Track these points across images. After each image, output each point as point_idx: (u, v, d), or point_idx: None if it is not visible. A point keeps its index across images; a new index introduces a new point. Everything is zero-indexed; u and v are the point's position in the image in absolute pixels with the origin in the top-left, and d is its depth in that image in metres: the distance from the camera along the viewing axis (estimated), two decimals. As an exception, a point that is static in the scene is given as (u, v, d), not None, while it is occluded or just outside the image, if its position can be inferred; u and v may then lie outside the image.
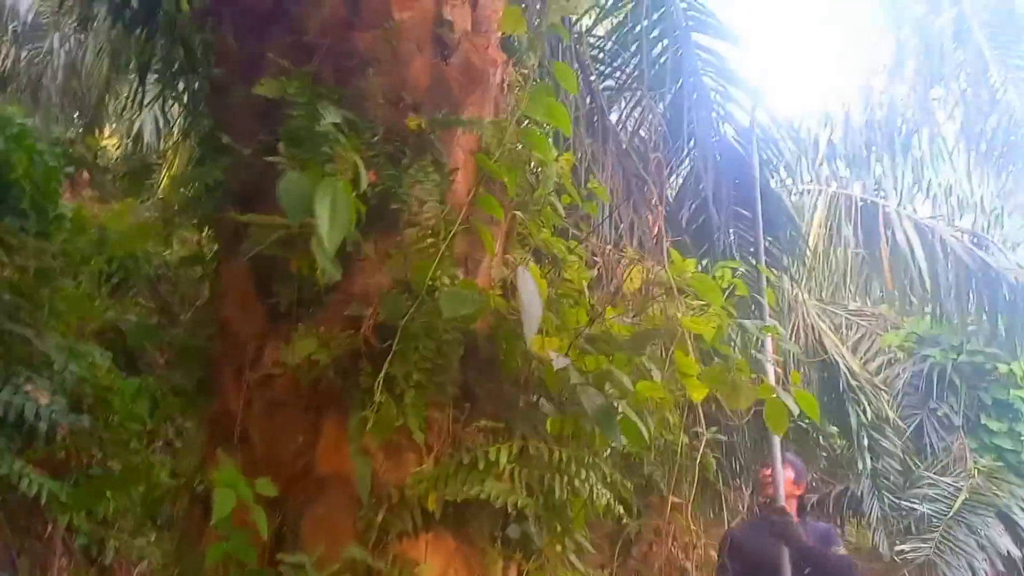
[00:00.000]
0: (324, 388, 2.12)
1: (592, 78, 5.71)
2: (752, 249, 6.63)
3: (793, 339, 8.33)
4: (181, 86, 3.02)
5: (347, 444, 2.08)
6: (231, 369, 2.31)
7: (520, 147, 2.42)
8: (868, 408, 7.68)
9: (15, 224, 4.42)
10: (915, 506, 7.76)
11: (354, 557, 1.93)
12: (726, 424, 4.68)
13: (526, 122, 2.53)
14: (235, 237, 2.33)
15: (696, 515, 8.93)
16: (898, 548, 7.61)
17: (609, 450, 2.49)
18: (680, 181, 6.78)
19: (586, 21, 5.86)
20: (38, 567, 3.88)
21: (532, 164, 2.57)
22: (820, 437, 10.34)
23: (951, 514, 7.70)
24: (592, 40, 5.87)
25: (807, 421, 9.73)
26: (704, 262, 5.94)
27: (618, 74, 6.04)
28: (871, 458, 7.73)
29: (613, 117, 6.14)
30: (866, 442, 7.70)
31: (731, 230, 6.47)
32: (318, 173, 2.00)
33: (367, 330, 2.09)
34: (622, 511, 2.28)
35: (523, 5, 3.22)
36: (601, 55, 5.94)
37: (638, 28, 5.70)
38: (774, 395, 2.47)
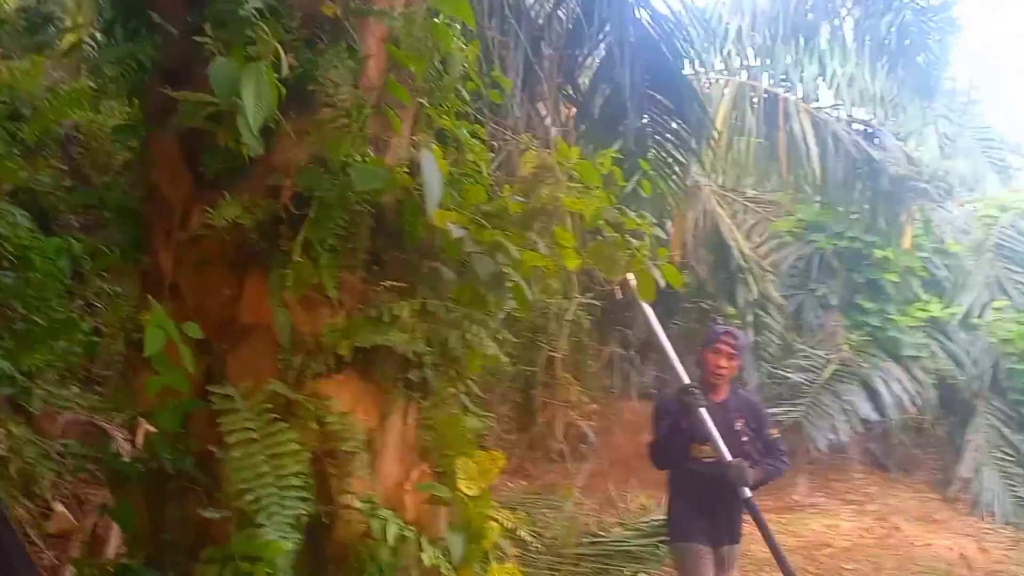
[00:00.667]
0: (247, 249, 2.41)
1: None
2: (665, 134, 7.03)
3: (693, 222, 8.88)
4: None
5: (268, 298, 2.40)
6: (161, 230, 2.57)
7: (427, 37, 2.66)
8: (755, 287, 8.32)
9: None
10: (789, 375, 8.56)
11: (275, 391, 2.28)
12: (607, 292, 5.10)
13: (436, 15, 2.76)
14: (163, 110, 2.54)
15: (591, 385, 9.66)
16: (771, 411, 8.42)
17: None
18: (598, 64, 7.03)
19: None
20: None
21: (439, 53, 2.82)
22: (718, 317, 11.15)
23: (820, 382, 8.52)
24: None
25: (706, 301, 10.48)
26: (618, 143, 6.20)
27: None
28: (754, 332, 8.43)
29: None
30: (750, 318, 8.38)
31: (644, 115, 6.80)
32: (241, 55, 2.23)
33: (286, 199, 2.38)
34: (509, 362, 2.68)
35: None
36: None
37: None
38: (643, 268, 2.88)
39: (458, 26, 2.84)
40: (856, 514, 7.67)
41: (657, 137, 6.90)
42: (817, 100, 10.08)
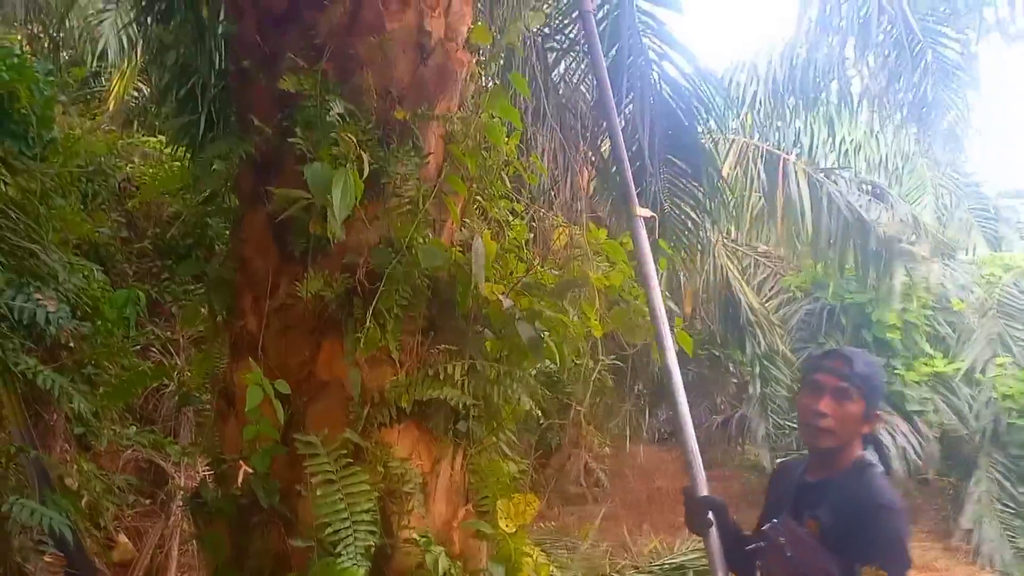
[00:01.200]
0: (326, 316, 2.85)
1: (538, 40, 6.33)
2: (680, 194, 7.48)
3: (704, 277, 9.28)
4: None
5: (341, 358, 2.83)
6: (250, 297, 3.01)
7: (479, 135, 3.11)
8: (763, 341, 8.70)
9: (16, 147, 4.92)
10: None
11: (348, 439, 2.69)
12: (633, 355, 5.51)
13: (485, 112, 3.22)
14: (254, 195, 3.01)
15: (607, 430, 10.04)
16: (779, 460, 8.74)
17: (535, 371, 3.29)
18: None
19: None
20: (44, 450, 4.52)
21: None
22: (730, 364, 11.52)
23: (827, 435, 8.83)
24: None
25: (719, 350, 10.86)
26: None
27: (560, 37, 6.66)
28: (761, 384, 8.79)
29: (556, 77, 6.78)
30: (758, 370, 8.74)
31: (662, 176, 7.25)
32: (329, 156, 2.70)
33: (360, 274, 2.81)
34: (540, 415, 3.09)
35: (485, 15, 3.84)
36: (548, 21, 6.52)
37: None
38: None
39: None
40: (861, 563, 7.95)
41: (674, 198, 7.35)
42: (823, 165, 10.58)
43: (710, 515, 2.38)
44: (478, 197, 3.26)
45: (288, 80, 2.85)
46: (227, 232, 3.42)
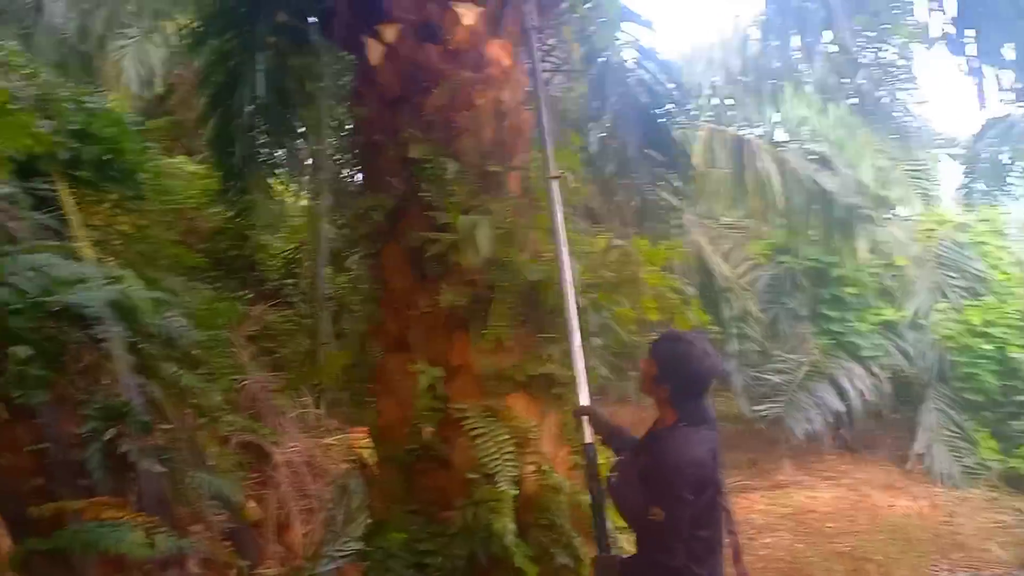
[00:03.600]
0: (456, 319, 3.93)
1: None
2: (660, 181, 8.62)
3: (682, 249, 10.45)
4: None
5: (469, 349, 3.92)
6: (392, 310, 4.09)
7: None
8: (736, 304, 9.94)
9: (123, 191, 5.88)
10: (769, 377, 10.17)
11: (487, 404, 3.80)
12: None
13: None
14: (391, 232, 4.07)
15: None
16: (755, 408, 10.03)
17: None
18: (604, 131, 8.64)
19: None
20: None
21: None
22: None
23: (796, 382, 10.14)
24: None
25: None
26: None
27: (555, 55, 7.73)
28: (738, 343, 10.05)
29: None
30: (734, 331, 9.99)
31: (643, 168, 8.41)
32: (450, 203, 3.78)
33: (480, 287, 3.90)
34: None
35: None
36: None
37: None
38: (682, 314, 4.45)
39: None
40: (832, 487, 9.27)
41: (655, 185, 8.50)
42: (772, 136, 11.84)
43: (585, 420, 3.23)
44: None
45: (415, 148, 3.92)
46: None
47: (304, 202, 9.06)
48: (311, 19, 4.94)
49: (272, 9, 4.79)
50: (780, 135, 12.26)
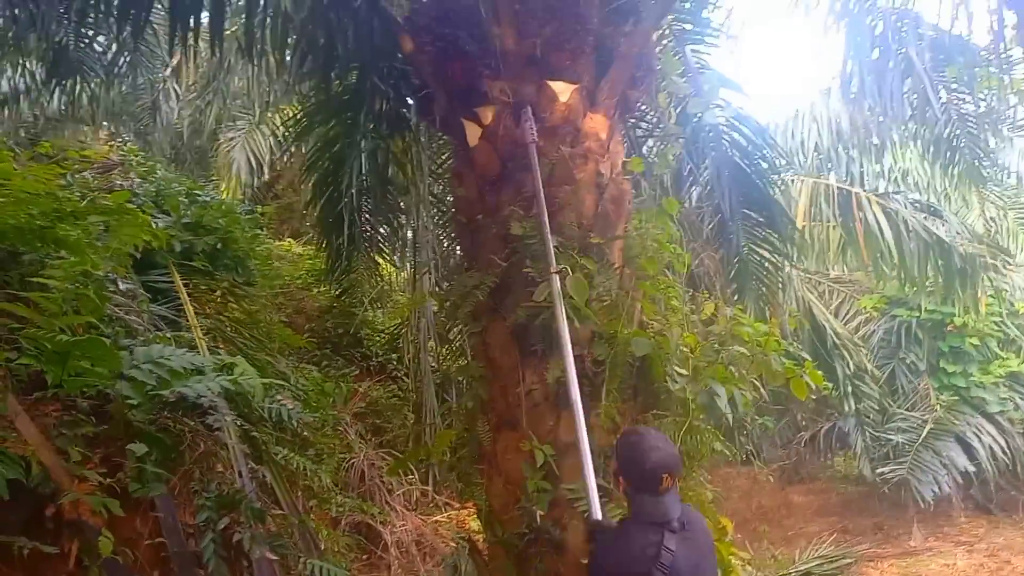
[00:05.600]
0: (563, 396, 3.87)
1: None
2: (758, 241, 8.45)
3: (787, 307, 10.18)
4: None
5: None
6: (499, 386, 4.06)
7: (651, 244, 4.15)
8: (850, 361, 9.55)
9: (234, 279, 6.10)
10: (891, 437, 9.69)
11: (600, 483, 3.70)
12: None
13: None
14: (494, 310, 4.07)
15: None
16: (878, 471, 9.54)
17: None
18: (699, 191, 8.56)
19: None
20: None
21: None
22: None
23: (919, 441, 9.62)
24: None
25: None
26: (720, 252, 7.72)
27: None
28: (855, 401, 9.63)
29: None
30: (850, 388, 9.59)
31: (740, 225, 8.26)
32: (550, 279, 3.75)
33: (587, 362, 3.84)
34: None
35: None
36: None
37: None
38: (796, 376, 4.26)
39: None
40: (968, 553, 8.68)
41: (752, 245, 8.32)
42: (876, 190, 11.50)
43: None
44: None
45: (516, 226, 3.93)
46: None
47: (407, 277, 9.26)
48: (410, 102, 5.09)
49: (372, 97, 4.94)
50: (883, 187, 11.94)
